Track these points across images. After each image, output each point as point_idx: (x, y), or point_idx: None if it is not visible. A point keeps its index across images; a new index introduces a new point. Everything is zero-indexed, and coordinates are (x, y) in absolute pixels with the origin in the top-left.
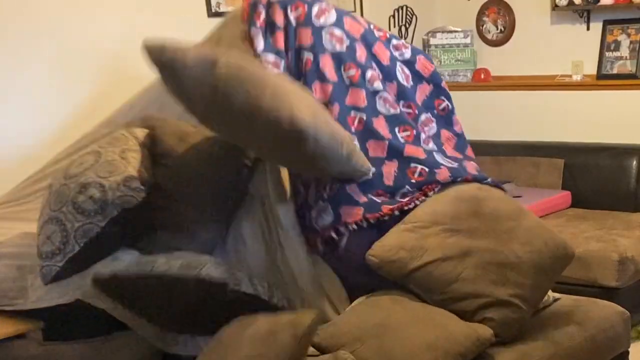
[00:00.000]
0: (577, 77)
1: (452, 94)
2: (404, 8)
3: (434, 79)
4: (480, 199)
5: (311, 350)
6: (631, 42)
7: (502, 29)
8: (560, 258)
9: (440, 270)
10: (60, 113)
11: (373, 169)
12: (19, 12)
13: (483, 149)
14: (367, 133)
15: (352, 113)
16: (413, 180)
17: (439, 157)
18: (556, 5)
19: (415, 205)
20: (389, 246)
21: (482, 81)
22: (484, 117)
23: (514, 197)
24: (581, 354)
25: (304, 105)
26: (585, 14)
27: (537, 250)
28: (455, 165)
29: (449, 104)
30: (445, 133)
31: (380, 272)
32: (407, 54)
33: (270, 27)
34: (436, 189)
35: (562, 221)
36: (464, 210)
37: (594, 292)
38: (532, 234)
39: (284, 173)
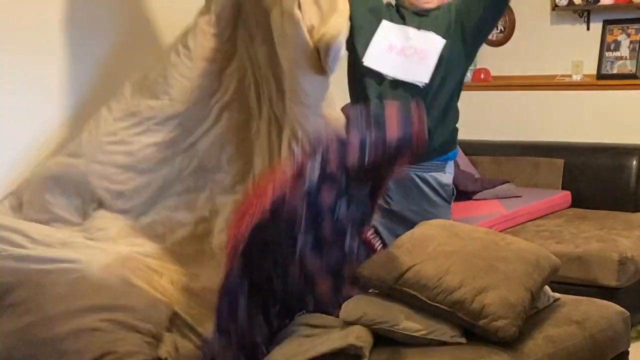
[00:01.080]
0: (577, 77)
1: None
2: None
3: None
4: (454, 225)
5: None
6: (631, 42)
7: (502, 29)
8: (547, 258)
9: (429, 267)
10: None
11: None
12: None
13: (483, 149)
14: None
15: None
16: None
17: None
18: (556, 5)
19: None
20: (376, 261)
21: (482, 81)
22: (484, 117)
23: (513, 197)
24: (581, 353)
25: None
26: (585, 14)
27: (522, 249)
28: None
29: None
30: None
31: (372, 284)
32: None
33: None
34: None
35: (562, 221)
36: (441, 233)
37: (594, 292)
38: (514, 244)
39: None
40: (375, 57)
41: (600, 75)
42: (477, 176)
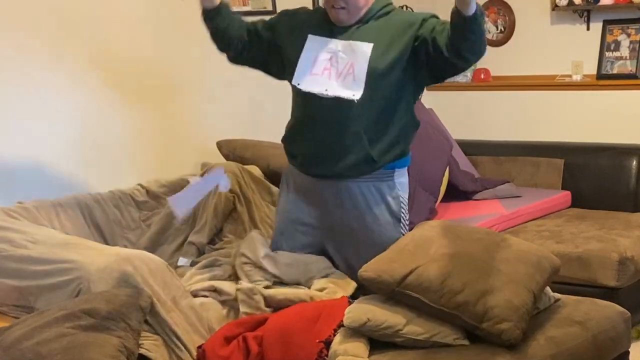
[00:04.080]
0: (577, 77)
1: (452, 94)
2: (404, 8)
3: None
4: (454, 226)
5: None
6: (631, 42)
7: (502, 29)
8: (548, 259)
9: (432, 270)
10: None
11: None
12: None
13: (483, 149)
14: None
15: None
16: None
17: None
18: (556, 5)
19: None
20: (380, 262)
21: (482, 81)
22: (484, 117)
23: (513, 197)
24: (583, 354)
25: None
26: (585, 14)
27: (524, 250)
28: None
29: None
30: None
31: (375, 285)
32: None
33: None
34: None
35: (562, 221)
36: (443, 234)
37: (594, 292)
38: (515, 245)
39: None
40: (306, 77)
41: (600, 75)
42: (477, 176)
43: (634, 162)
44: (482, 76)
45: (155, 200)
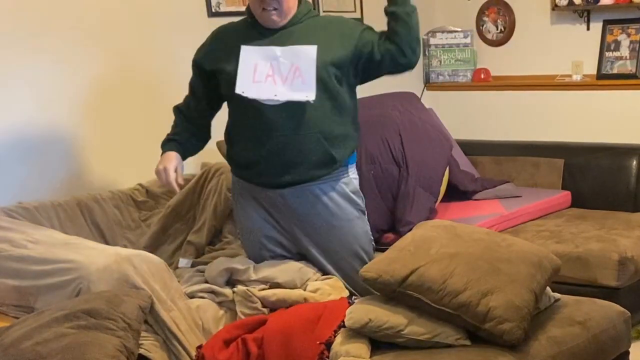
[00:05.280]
0: (577, 77)
1: (452, 94)
2: None
3: None
4: (455, 226)
5: None
6: (631, 42)
7: (502, 29)
8: (548, 259)
9: (434, 270)
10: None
11: None
12: None
13: (483, 149)
14: None
15: None
16: None
17: None
18: (556, 5)
19: None
20: (381, 262)
21: (482, 81)
22: (484, 117)
23: (513, 197)
24: (585, 354)
25: None
26: (585, 14)
27: (524, 250)
28: None
29: None
30: None
31: (376, 286)
32: None
33: None
34: None
35: (562, 221)
36: (443, 234)
37: (594, 292)
38: (516, 245)
39: None
40: (249, 85)
41: (600, 75)
42: (477, 176)
43: (634, 162)
44: (482, 76)
45: (155, 200)
